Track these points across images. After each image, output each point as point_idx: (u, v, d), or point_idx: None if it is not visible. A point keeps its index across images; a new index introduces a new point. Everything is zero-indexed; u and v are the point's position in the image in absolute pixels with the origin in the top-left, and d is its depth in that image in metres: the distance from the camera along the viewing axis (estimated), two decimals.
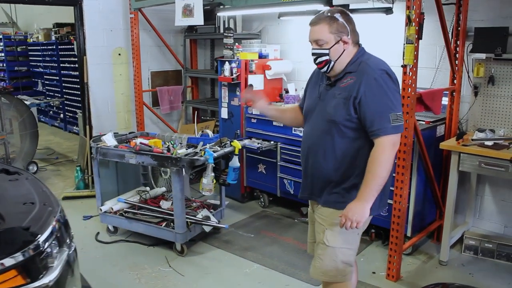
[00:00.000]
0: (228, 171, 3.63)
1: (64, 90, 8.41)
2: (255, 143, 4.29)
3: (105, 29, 5.17)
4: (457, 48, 3.54)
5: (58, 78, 8.51)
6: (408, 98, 2.95)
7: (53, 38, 8.39)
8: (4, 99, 5.49)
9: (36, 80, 9.52)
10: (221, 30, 5.06)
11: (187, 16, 4.38)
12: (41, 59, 9.03)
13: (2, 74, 9.74)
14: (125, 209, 3.90)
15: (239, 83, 4.47)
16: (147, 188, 4.27)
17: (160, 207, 3.84)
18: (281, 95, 4.69)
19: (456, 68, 3.56)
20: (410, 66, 2.92)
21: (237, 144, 3.64)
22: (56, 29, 8.16)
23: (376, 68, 2.02)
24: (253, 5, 4.09)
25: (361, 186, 2.01)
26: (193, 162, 3.40)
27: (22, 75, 9.62)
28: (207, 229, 3.77)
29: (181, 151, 3.51)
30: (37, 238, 1.66)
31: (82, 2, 4.94)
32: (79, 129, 6.09)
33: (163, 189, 4.30)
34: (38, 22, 9.11)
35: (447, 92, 3.63)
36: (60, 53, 8.27)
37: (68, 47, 7.90)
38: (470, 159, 3.19)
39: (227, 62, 4.47)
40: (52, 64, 8.64)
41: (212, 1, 4.39)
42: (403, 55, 2.91)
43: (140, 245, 3.80)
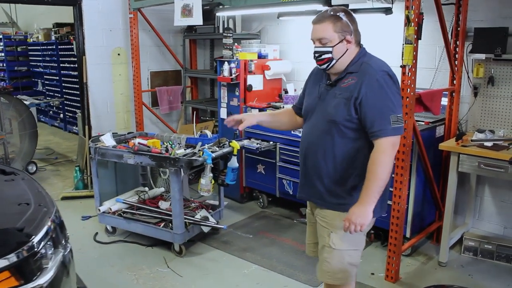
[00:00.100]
0: (227, 172, 3.61)
1: (64, 90, 8.42)
2: (254, 144, 4.29)
3: (105, 29, 5.17)
4: (457, 49, 3.53)
5: (58, 78, 8.51)
6: (407, 99, 2.94)
7: (53, 38, 8.39)
8: (4, 99, 5.50)
9: (36, 80, 9.53)
10: (221, 30, 5.05)
11: (186, 16, 4.37)
12: (41, 59, 9.03)
13: (2, 74, 9.75)
14: (124, 210, 3.88)
15: (238, 83, 4.46)
16: (146, 189, 4.26)
17: (159, 208, 3.83)
18: (280, 95, 4.69)
19: (456, 69, 3.55)
20: (409, 67, 2.91)
21: (236, 145, 3.63)
22: (56, 29, 8.16)
23: (378, 69, 2.01)
24: (252, 5, 4.08)
25: (363, 189, 1.99)
26: (191, 163, 3.39)
27: (22, 75, 9.64)
28: (206, 230, 3.76)
29: (180, 152, 3.50)
30: (31, 239, 1.64)
31: (81, 2, 4.94)
32: (78, 129, 6.09)
33: (162, 190, 4.29)
34: (38, 22, 9.11)
35: (447, 93, 3.62)
36: (60, 53, 8.27)
37: (68, 47, 7.90)
38: (470, 160, 3.17)
39: (226, 62, 4.46)
40: (52, 64, 8.64)
41: (212, 1, 4.38)
42: (402, 56, 2.90)
43: (139, 246, 3.79)
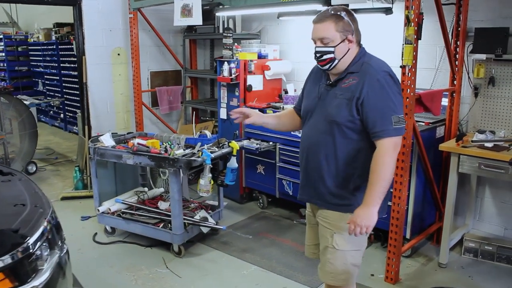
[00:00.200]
0: (226, 172, 3.60)
1: (64, 90, 8.42)
2: (254, 144, 4.27)
3: (104, 29, 5.16)
4: (457, 49, 3.51)
5: (58, 78, 8.51)
6: (407, 99, 2.92)
7: (54, 38, 8.39)
8: (4, 99, 5.49)
9: (37, 80, 9.53)
10: (221, 30, 5.04)
11: (186, 16, 4.36)
12: (42, 59, 9.03)
13: (3, 74, 9.76)
14: (123, 210, 3.88)
15: (238, 84, 4.44)
16: (145, 189, 4.25)
17: (158, 208, 3.82)
18: (280, 96, 4.67)
19: (456, 69, 3.53)
20: (409, 67, 2.90)
21: (235, 145, 3.62)
22: (57, 29, 8.16)
23: (379, 70, 2.00)
24: (252, 5, 4.06)
25: (366, 190, 1.98)
26: (190, 163, 3.38)
27: (23, 75, 9.64)
28: (205, 230, 3.75)
29: (179, 152, 3.49)
30: (26, 241, 1.63)
31: (81, 2, 4.93)
32: (78, 129, 6.08)
33: (161, 190, 4.27)
34: (39, 22, 9.11)
35: (447, 93, 3.60)
36: (61, 53, 8.27)
37: (68, 47, 7.89)
38: (470, 161, 3.16)
39: (226, 63, 4.44)
40: (53, 64, 8.64)
41: (211, 1, 4.37)
42: (402, 56, 2.88)
43: (138, 246, 3.78)
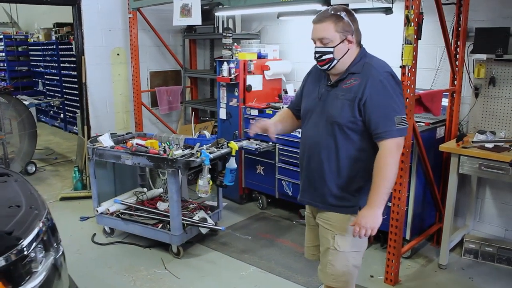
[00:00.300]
0: (225, 173, 3.58)
1: (64, 90, 8.41)
2: (253, 144, 4.25)
3: (104, 29, 5.14)
4: (458, 49, 3.49)
5: (58, 78, 8.50)
6: (407, 99, 2.90)
7: (54, 38, 8.38)
8: (3, 99, 5.49)
9: (37, 80, 9.52)
10: (220, 30, 5.02)
11: (185, 16, 4.34)
12: (42, 59, 9.02)
13: (3, 74, 9.76)
14: (122, 210, 3.86)
15: (238, 84, 4.43)
16: (144, 189, 4.24)
17: (157, 209, 3.81)
18: (280, 96, 4.66)
19: (457, 69, 3.51)
20: (409, 67, 2.88)
21: (234, 146, 3.60)
22: (56, 29, 8.15)
23: (381, 70, 1.99)
24: (252, 5, 4.05)
25: (370, 192, 1.97)
26: (189, 164, 3.36)
27: (23, 75, 9.64)
28: (204, 231, 3.73)
29: (178, 152, 3.48)
30: (20, 243, 1.62)
31: (81, 2, 4.91)
32: (78, 130, 6.07)
33: (160, 190, 4.26)
34: (39, 22, 9.11)
35: (447, 93, 3.58)
36: (60, 53, 8.26)
37: (68, 47, 7.88)
38: (470, 162, 3.14)
39: (226, 63, 4.42)
40: (53, 64, 8.64)
41: (211, 1, 4.36)
42: (402, 56, 2.86)
43: (136, 247, 3.77)
